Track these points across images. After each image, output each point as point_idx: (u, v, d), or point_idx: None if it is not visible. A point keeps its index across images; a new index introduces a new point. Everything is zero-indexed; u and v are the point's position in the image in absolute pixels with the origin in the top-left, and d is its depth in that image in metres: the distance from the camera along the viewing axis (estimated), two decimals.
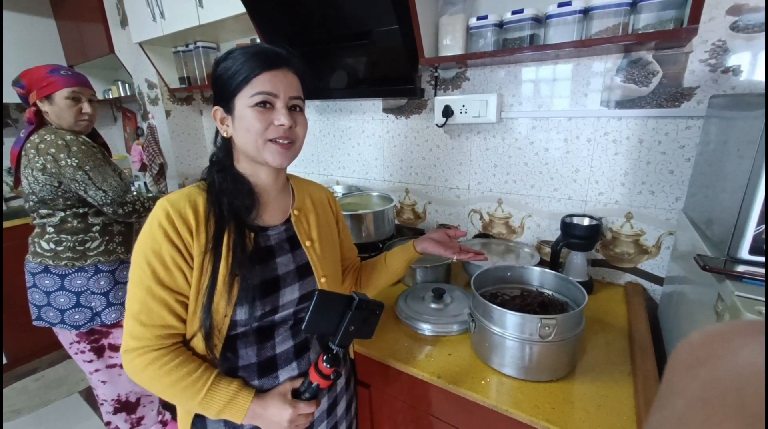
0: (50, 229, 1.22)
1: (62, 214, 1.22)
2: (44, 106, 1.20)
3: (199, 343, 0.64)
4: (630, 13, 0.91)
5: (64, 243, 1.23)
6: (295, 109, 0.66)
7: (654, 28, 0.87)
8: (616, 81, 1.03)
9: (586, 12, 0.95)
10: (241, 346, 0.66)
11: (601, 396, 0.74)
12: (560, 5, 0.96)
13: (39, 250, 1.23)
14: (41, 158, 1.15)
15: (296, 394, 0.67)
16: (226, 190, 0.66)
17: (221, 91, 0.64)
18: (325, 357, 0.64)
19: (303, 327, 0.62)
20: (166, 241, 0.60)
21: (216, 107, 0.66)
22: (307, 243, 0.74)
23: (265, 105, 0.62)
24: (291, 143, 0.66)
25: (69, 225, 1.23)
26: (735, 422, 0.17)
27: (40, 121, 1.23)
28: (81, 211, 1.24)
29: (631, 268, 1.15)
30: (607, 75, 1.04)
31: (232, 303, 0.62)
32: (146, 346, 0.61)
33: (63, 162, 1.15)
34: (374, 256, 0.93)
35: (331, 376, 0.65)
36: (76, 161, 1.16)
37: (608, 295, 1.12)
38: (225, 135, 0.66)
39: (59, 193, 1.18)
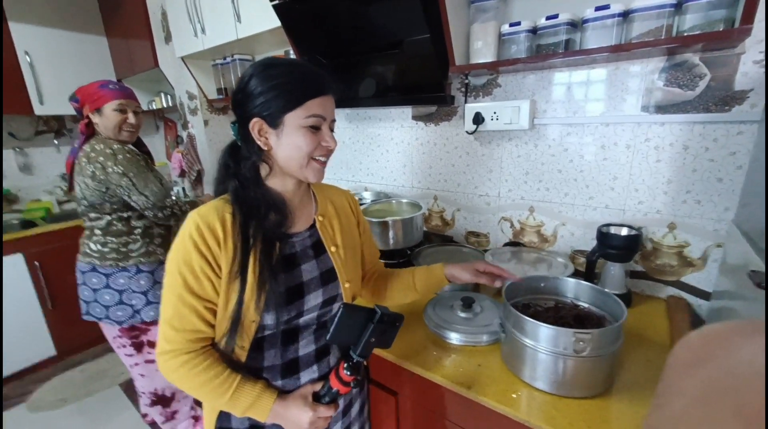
0: (98, 232, 1.32)
1: (108, 217, 1.31)
2: (95, 118, 1.31)
3: (232, 343, 0.67)
4: (674, 14, 0.86)
5: (110, 244, 1.32)
6: (332, 130, 0.70)
7: (701, 29, 0.82)
8: (658, 85, 0.99)
9: (625, 15, 0.92)
10: (267, 348, 0.70)
11: (641, 416, 0.70)
12: (598, 9, 0.93)
13: (88, 250, 1.33)
14: (91, 166, 1.24)
15: (316, 397, 0.70)
16: (256, 210, 0.67)
17: (267, 104, 0.63)
18: (346, 365, 0.67)
19: (327, 338, 0.65)
20: (196, 252, 0.63)
21: (256, 119, 0.65)
22: (333, 248, 0.76)
23: (317, 127, 0.66)
24: (327, 160, 0.70)
25: (114, 228, 1.32)
26: (733, 421, 0.17)
27: (91, 132, 1.34)
28: (125, 215, 1.33)
29: (674, 281, 1.08)
30: (648, 79, 1.00)
31: (260, 310, 0.65)
32: (178, 349, 0.65)
33: (110, 169, 1.24)
34: (401, 266, 0.93)
35: (352, 384, 0.68)
36: (122, 168, 1.25)
37: (648, 309, 1.06)
38: (264, 148, 0.67)
39: (106, 198, 1.28)
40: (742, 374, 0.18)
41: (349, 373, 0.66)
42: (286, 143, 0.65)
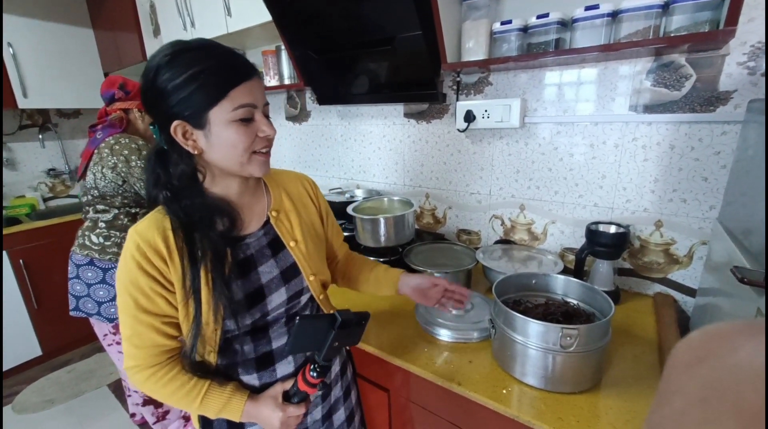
0: (102, 225, 1.31)
1: (116, 211, 1.32)
2: (141, 115, 1.39)
3: (198, 350, 0.66)
4: (662, 15, 0.88)
5: (113, 238, 1.31)
6: (267, 116, 0.63)
7: (688, 30, 0.84)
8: (646, 85, 1.00)
9: (614, 15, 0.93)
10: (238, 344, 0.69)
11: (629, 411, 0.71)
12: (587, 8, 0.94)
13: (88, 243, 1.31)
14: (114, 158, 1.26)
15: (286, 397, 0.70)
16: (198, 221, 0.61)
17: (184, 101, 0.56)
18: (311, 367, 0.67)
19: (286, 350, 0.65)
20: (141, 272, 0.59)
21: (178, 122, 0.57)
22: (292, 243, 0.72)
23: (249, 118, 0.59)
24: (270, 149, 0.65)
25: (120, 222, 1.32)
26: (733, 421, 0.17)
27: (125, 127, 1.37)
28: (133, 211, 1.34)
29: (661, 278, 1.10)
30: (636, 79, 1.01)
31: (220, 320, 0.64)
32: (142, 364, 0.64)
33: (133, 163, 1.27)
34: (392, 264, 0.93)
35: (318, 386, 0.68)
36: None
37: (636, 305, 1.08)
38: (194, 151, 0.60)
39: (120, 191, 1.29)
40: (742, 374, 0.18)
41: (315, 375, 0.67)
42: (217, 143, 0.58)
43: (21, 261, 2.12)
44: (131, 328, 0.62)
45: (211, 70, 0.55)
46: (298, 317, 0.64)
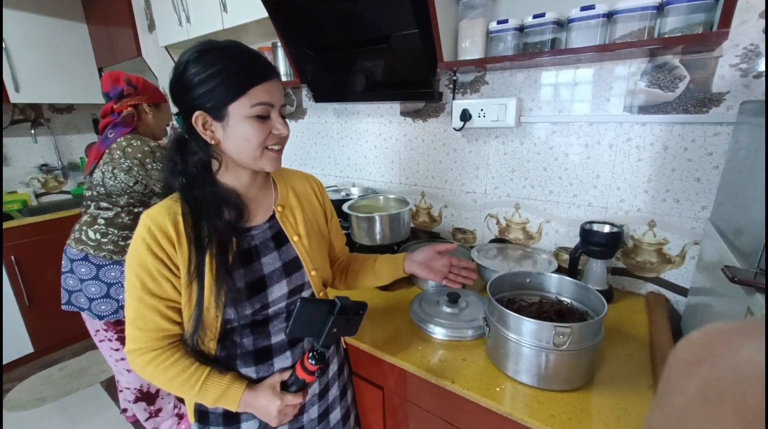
0: (101, 221, 1.30)
1: (119, 209, 1.31)
2: (149, 110, 1.36)
3: (199, 337, 0.68)
4: (656, 16, 0.88)
5: (110, 236, 1.30)
6: (283, 115, 0.67)
7: (682, 32, 0.85)
8: (640, 86, 1.01)
9: (610, 16, 0.93)
10: (238, 336, 0.70)
11: (621, 408, 0.72)
12: (583, 9, 0.94)
13: (84, 237, 1.30)
14: (128, 161, 1.25)
15: (284, 386, 0.71)
16: (207, 209, 0.65)
17: (207, 95, 0.60)
18: (310, 354, 0.68)
19: (285, 333, 0.66)
20: (150, 254, 0.62)
21: (199, 112, 0.61)
22: (295, 238, 0.74)
23: (266, 115, 0.63)
24: (282, 147, 0.68)
25: (120, 220, 1.31)
26: (734, 421, 0.17)
27: (136, 126, 1.34)
28: (136, 210, 1.33)
29: (654, 277, 1.11)
30: (631, 80, 1.02)
31: (221, 307, 0.65)
32: (144, 348, 0.65)
33: (149, 166, 1.27)
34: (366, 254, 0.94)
35: (316, 373, 0.69)
36: (161, 166, 1.27)
37: (629, 304, 1.09)
38: (211, 141, 0.64)
39: (128, 191, 1.28)
40: (742, 374, 0.18)
41: (313, 362, 0.67)
42: (233, 136, 0.62)
43: (12, 257, 2.10)
44: (136, 310, 0.64)
45: (235, 68, 0.60)
46: (299, 300, 0.65)
